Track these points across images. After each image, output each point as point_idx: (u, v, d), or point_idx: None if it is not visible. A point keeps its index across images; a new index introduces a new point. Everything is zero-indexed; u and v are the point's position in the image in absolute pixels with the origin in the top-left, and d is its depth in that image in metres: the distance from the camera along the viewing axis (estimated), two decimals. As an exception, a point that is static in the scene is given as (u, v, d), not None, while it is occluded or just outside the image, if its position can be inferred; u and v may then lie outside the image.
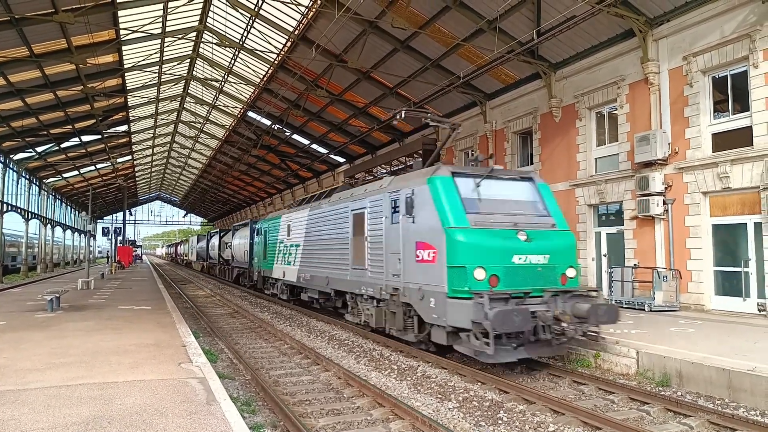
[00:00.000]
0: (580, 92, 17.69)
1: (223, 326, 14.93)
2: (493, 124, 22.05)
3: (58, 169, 43.64)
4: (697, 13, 14.10)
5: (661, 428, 6.20)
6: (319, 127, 32.16)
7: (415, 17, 18.58)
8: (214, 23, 24.28)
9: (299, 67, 24.14)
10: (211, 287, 30.44)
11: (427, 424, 6.16)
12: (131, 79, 28.33)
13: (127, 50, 24.16)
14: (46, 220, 45.15)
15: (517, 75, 20.15)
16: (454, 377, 8.68)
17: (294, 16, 21.60)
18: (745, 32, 12.93)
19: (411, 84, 22.50)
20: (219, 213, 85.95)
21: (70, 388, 6.42)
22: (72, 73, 23.73)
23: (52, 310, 14.15)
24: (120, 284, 25.76)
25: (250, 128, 34.72)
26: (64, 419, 5.30)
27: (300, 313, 17.48)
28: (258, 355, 10.78)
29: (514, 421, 6.57)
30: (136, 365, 7.68)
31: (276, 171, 45.93)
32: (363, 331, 12.89)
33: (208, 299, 23.48)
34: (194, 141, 45.17)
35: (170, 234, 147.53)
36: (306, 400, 7.53)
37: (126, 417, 5.37)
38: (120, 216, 63.36)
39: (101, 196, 62.08)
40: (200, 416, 5.42)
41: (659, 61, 15.16)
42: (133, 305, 15.89)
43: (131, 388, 6.46)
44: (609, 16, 14.96)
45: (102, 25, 20.01)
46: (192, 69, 30.24)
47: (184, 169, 60.40)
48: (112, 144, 39.65)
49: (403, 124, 27.76)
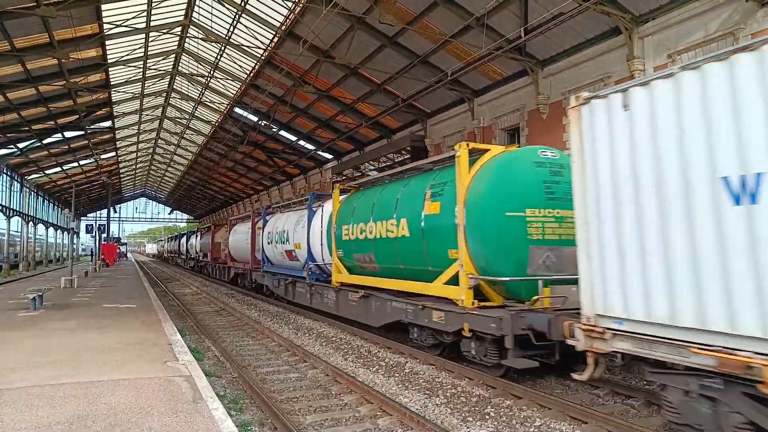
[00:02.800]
0: (567, 89, 17.79)
1: (210, 324, 14.82)
2: (481, 120, 22.11)
3: (40, 166, 42.94)
4: (681, 11, 14.24)
5: (646, 422, 6.27)
6: (306, 123, 32.01)
7: (402, 13, 18.54)
8: (200, 18, 24.01)
9: (286, 62, 23.98)
10: (198, 285, 30.20)
11: (415, 420, 6.17)
12: (115, 75, 27.93)
13: (111, 45, 23.80)
14: (28, 217, 44.44)
15: (504, 72, 20.21)
16: (442, 373, 8.70)
17: (281, 11, 21.44)
18: (729, 30, 13.10)
19: (399, 80, 22.45)
20: (205, 210, 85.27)
21: (53, 387, 6.33)
22: (54, 68, 23.32)
23: (34, 308, 13.95)
24: (104, 282, 25.45)
25: (237, 124, 34.44)
26: (47, 418, 5.22)
27: (287, 310, 17.40)
28: (245, 353, 10.72)
29: (502, 416, 6.60)
30: (120, 364, 7.60)
31: (263, 168, 45.65)
32: (351, 328, 12.88)
33: (194, 297, 23.29)
34: (180, 137, 44.71)
35: (155, 231, 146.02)
36: (293, 398, 7.50)
37: (111, 416, 5.30)
38: (104, 213, 62.61)
39: (85, 192, 61.22)
40: (186, 414, 5.37)
41: (645, 59, 15.29)
42: (118, 303, 15.71)
43: (116, 386, 6.39)
44: (595, 14, 15.05)
45: (85, 19, 19.67)
46: (177, 64, 29.89)
47: (170, 166, 59.78)
48: (96, 140, 39.08)
49: (391, 121, 27.75)
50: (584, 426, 6.20)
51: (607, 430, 6.01)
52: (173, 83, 33.17)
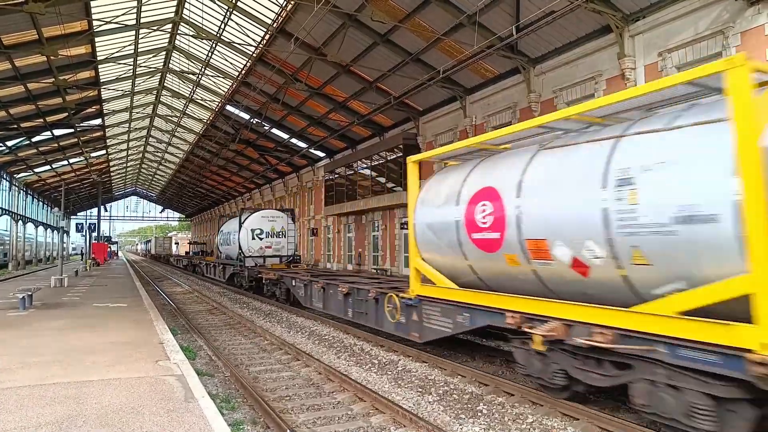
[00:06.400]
0: (559, 87, 17.86)
1: (202, 323, 14.75)
2: (473, 118, 22.14)
3: (29, 164, 42.51)
4: (671, 9, 14.34)
5: (636, 418, 6.31)
6: (298, 121, 31.90)
7: (394, 11, 18.51)
8: (191, 15, 23.85)
9: (278, 60, 23.88)
10: (189, 284, 30.05)
11: (408, 418, 6.17)
12: (105, 72, 27.67)
13: (101, 42, 23.58)
14: (17, 216, 43.98)
15: (496, 70, 20.24)
16: (435, 371, 8.72)
17: (272, 8, 21.34)
18: (719, 29, 13.20)
19: (391, 78, 22.43)
20: (197, 209, 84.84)
21: (43, 388, 6.27)
22: (43, 65, 23.08)
23: (24, 308, 13.80)
24: (95, 281, 25.26)
25: (229, 122, 34.26)
26: (37, 419, 5.17)
27: (280, 308, 17.36)
28: (237, 352, 10.69)
29: (494, 413, 6.62)
30: (111, 363, 7.54)
31: (255, 166, 45.47)
32: (344, 326, 12.86)
33: (185, 296, 23.18)
34: (171, 135, 44.40)
35: (147, 230, 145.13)
36: (286, 396, 7.49)
37: (101, 416, 5.26)
38: (95, 212, 62.06)
39: (75, 191, 60.68)
40: (178, 414, 5.34)
41: (635, 57, 15.38)
42: (109, 302, 15.59)
43: (107, 386, 6.34)
44: (587, 12, 15.11)
45: (74, 15, 19.47)
46: (168, 61, 29.68)
47: (161, 164, 59.40)
48: (86, 138, 38.73)
49: (384, 119, 27.71)
50: (576, 422, 6.23)
51: (599, 427, 6.04)
52: (164, 81, 32.93)
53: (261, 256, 23.93)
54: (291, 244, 25.00)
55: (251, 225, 24.34)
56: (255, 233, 24.22)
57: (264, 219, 24.72)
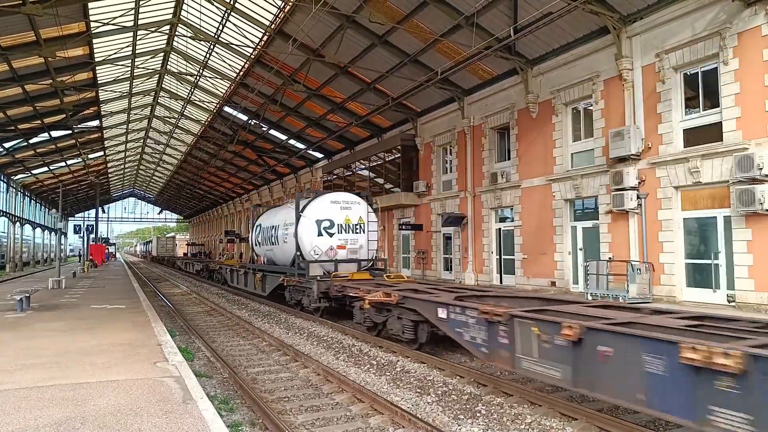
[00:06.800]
0: (556, 88, 17.90)
1: (200, 324, 14.73)
2: (471, 119, 22.17)
3: (26, 166, 42.45)
4: (669, 11, 14.38)
5: (634, 418, 6.32)
6: (296, 122, 31.91)
7: (392, 12, 18.53)
8: (189, 16, 23.84)
9: (276, 61, 23.88)
10: (187, 285, 30.01)
11: (407, 419, 6.17)
12: (102, 73, 27.66)
13: (98, 43, 23.57)
14: (14, 217, 43.89)
15: (494, 71, 20.28)
16: (433, 371, 8.72)
17: (270, 9, 21.35)
18: (716, 30, 13.23)
19: (389, 79, 22.46)
20: (195, 210, 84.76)
21: (41, 390, 6.25)
22: (41, 67, 23.06)
23: (21, 310, 13.76)
24: (93, 283, 25.21)
25: (226, 123, 34.26)
26: (35, 421, 5.15)
27: (279, 310, 17.34)
28: (236, 353, 10.67)
29: (492, 414, 6.63)
30: (109, 365, 7.52)
31: (253, 167, 45.46)
32: (342, 327, 12.86)
33: (184, 297, 23.14)
34: (169, 136, 44.38)
35: (145, 231, 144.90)
36: (285, 397, 7.48)
37: (99, 418, 5.25)
38: (92, 213, 61.96)
39: (72, 193, 60.60)
40: (176, 415, 5.33)
41: (633, 58, 15.42)
42: (107, 304, 15.56)
43: (105, 388, 6.32)
44: (584, 13, 15.15)
45: (72, 17, 19.46)
46: (166, 63, 29.66)
47: (159, 165, 59.34)
48: (84, 139, 38.69)
49: (382, 120, 27.73)
50: (574, 422, 6.24)
51: (597, 427, 6.05)
52: (162, 82, 32.91)
53: (331, 260, 16.02)
54: (372, 242, 16.90)
55: (317, 214, 16.15)
56: (323, 227, 16.10)
57: (335, 206, 16.42)
